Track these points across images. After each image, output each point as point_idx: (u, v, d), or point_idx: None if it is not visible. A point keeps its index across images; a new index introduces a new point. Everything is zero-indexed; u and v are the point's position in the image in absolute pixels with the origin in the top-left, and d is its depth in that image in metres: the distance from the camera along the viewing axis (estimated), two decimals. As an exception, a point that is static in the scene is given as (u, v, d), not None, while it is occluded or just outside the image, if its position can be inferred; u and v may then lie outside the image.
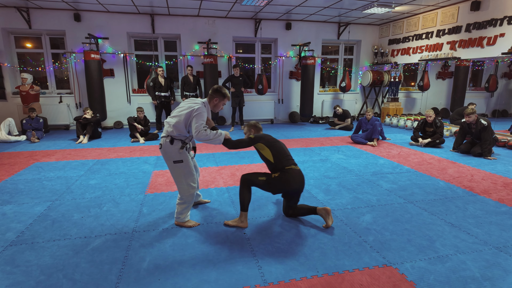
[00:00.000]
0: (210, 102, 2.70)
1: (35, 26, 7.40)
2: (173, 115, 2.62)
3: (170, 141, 2.56)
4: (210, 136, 2.51)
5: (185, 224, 2.71)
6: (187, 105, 2.60)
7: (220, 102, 2.71)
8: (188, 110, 2.54)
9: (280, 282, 1.98)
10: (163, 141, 2.61)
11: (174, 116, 2.60)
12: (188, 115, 2.53)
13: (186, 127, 2.57)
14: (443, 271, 2.08)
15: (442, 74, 10.24)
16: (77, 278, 2.01)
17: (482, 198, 3.36)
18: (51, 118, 7.76)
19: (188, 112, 2.53)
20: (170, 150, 2.57)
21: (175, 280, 1.99)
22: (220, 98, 2.69)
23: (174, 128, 2.55)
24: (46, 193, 3.50)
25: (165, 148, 2.59)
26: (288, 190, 2.69)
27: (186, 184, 2.65)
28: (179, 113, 2.58)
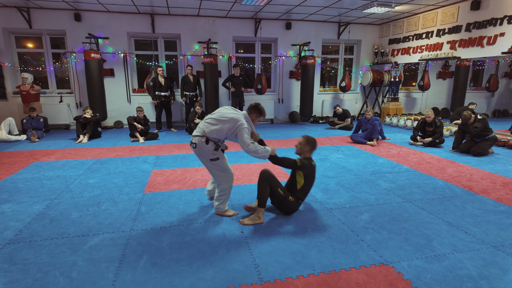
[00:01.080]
0: (249, 115, 2.82)
1: (35, 26, 7.42)
2: (214, 120, 2.68)
3: (205, 141, 2.67)
4: (259, 151, 2.65)
5: (225, 213, 2.88)
6: (230, 115, 2.67)
7: (256, 119, 2.85)
8: (232, 122, 2.63)
9: (277, 281, 1.98)
10: (197, 141, 2.69)
11: (215, 122, 2.67)
12: (232, 126, 2.63)
13: (226, 135, 2.69)
14: (440, 270, 2.08)
15: (442, 74, 10.22)
16: (74, 276, 2.02)
17: (480, 198, 3.35)
18: (51, 118, 7.78)
19: (232, 124, 2.63)
20: (206, 149, 2.69)
21: (171, 278, 2.00)
22: (257, 114, 2.82)
23: (214, 132, 2.65)
24: (45, 192, 3.51)
25: (200, 147, 2.69)
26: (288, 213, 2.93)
27: (225, 177, 2.81)
28: (221, 120, 2.66)
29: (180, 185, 3.74)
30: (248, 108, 2.84)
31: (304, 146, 2.90)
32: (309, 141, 2.89)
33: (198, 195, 3.42)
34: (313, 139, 2.91)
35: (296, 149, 2.95)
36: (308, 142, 2.89)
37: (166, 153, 5.39)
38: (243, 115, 2.76)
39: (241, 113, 2.77)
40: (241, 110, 7.83)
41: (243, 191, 3.55)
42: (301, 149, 2.91)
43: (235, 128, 2.64)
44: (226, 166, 2.82)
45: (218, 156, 2.74)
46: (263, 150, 2.67)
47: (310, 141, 2.90)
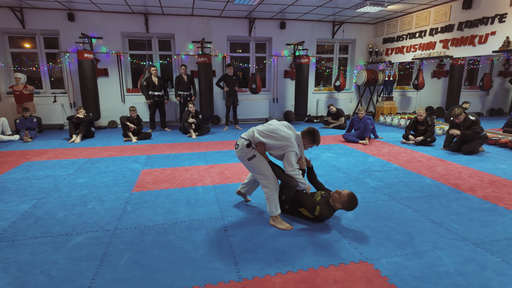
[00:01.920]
0: (302, 139, 2.75)
1: (29, 26, 7.41)
2: (264, 133, 2.65)
3: (246, 146, 2.67)
4: (298, 179, 2.63)
5: (277, 224, 2.67)
6: (282, 133, 2.63)
7: (308, 145, 2.76)
8: (281, 141, 2.60)
9: (255, 278, 1.99)
10: (241, 143, 2.71)
11: (265, 135, 2.65)
12: (281, 146, 2.60)
13: (271, 150, 2.69)
14: (418, 267, 2.09)
15: (437, 73, 10.25)
16: (54, 274, 2.03)
17: (466, 195, 3.37)
18: (45, 118, 7.78)
19: (281, 144, 2.60)
20: (245, 152, 2.68)
21: (151, 276, 2.01)
22: (310, 140, 2.74)
23: (265, 143, 2.63)
24: (33, 192, 3.51)
25: (241, 149, 2.70)
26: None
27: (268, 173, 2.70)
28: (271, 136, 2.63)
29: (169, 184, 3.75)
30: (303, 132, 2.75)
31: (339, 202, 2.55)
32: (348, 203, 2.52)
33: (186, 194, 3.43)
34: (354, 203, 2.52)
35: (333, 193, 2.62)
36: (346, 203, 2.52)
37: (158, 152, 5.40)
38: (296, 136, 2.71)
39: (295, 133, 2.73)
40: (235, 110, 7.88)
41: (232, 190, 3.55)
42: (335, 199, 2.58)
43: (283, 149, 2.60)
44: (266, 162, 2.72)
45: (255, 154, 2.68)
46: (301, 181, 2.64)
47: (349, 204, 2.52)
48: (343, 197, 2.53)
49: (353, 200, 2.52)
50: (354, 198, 2.53)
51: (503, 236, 2.48)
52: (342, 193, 2.56)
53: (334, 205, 2.58)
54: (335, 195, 2.58)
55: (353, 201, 2.52)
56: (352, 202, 2.52)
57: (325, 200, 2.66)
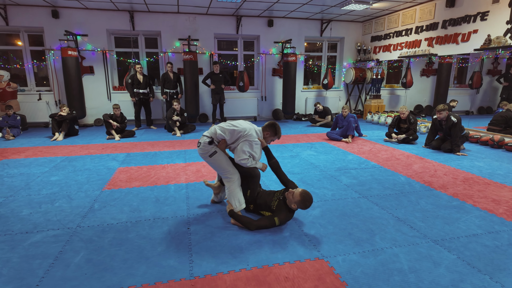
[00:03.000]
0: (263, 132, 2.79)
1: (12, 23, 7.35)
2: (228, 127, 2.73)
3: (209, 143, 2.71)
4: (251, 164, 2.70)
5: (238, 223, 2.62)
6: (243, 125, 2.73)
7: (270, 137, 2.80)
8: (243, 131, 2.68)
9: (207, 276, 1.98)
10: (203, 141, 2.74)
11: (229, 129, 2.71)
12: (241, 136, 2.67)
13: (231, 141, 2.73)
14: (372, 264, 2.09)
15: (426, 71, 10.26)
16: (4, 273, 2.01)
17: (437, 193, 3.37)
18: (30, 116, 7.72)
19: (243, 134, 2.67)
20: (207, 149, 2.73)
21: (101, 274, 1.99)
22: (272, 133, 2.77)
23: (221, 136, 2.71)
24: (3, 190, 3.48)
25: (203, 147, 2.74)
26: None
27: (230, 167, 2.75)
28: (235, 127, 2.71)
29: (142, 183, 3.72)
30: (264, 125, 2.80)
31: (293, 202, 2.50)
32: (302, 202, 2.45)
33: (156, 192, 3.41)
34: (309, 201, 2.46)
35: (288, 193, 2.55)
36: (301, 203, 2.46)
37: (139, 150, 5.37)
38: (257, 130, 2.76)
39: (255, 127, 2.78)
40: (222, 108, 7.84)
41: (204, 188, 3.54)
42: (290, 200, 2.53)
43: (242, 136, 2.67)
44: (227, 158, 2.78)
45: (216, 150, 2.72)
46: (254, 165, 2.72)
47: (303, 202, 2.46)
48: (296, 197, 2.47)
49: (305, 199, 2.45)
50: (306, 196, 2.46)
51: (464, 233, 2.49)
52: (294, 193, 2.49)
53: (290, 206, 2.55)
54: (289, 196, 2.52)
55: (306, 199, 2.45)
56: (305, 200, 2.45)
57: (281, 203, 2.60)
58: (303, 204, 2.47)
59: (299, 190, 2.51)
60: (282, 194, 2.68)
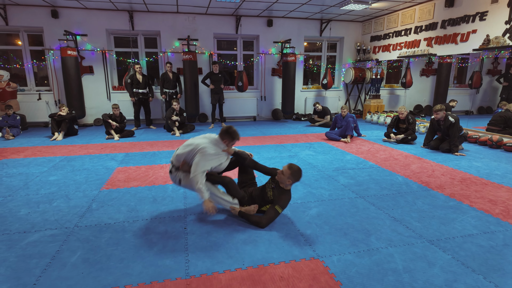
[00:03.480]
0: (222, 142, 2.75)
1: (12, 23, 7.36)
2: (184, 146, 2.76)
3: (175, 169, 2.82)
4: (198, 188, 2.57)
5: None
6: (197, 141, 2.72)
7: (230, 143, 2.76)
8: (196, 146, 2.66)
9: (202, 275, 1.99)
10: (170, 168, 2.86)
11: (185, 147, 2.74)
12: (194, 150, 2.64)
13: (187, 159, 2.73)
14: (367, 264, 2.10)
15: (426, 71, 10.24)
16: (1, 272, 2.02)
17: (434, 193, 3.38)
18: (30, 116, 7.74)
19: (196, 149, 2.64)
20: (173, 176, 2.86)
21: (97, 274, 2.00)
22: (229, 139, 2.72)
23: (177, 157, 2.78)
24: (1, 190, 3.50)
25: (171, 176, 2.88)
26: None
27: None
28: (190, 144, 2.72)
29: (140, 182, 3.74)
30: (219, 133, 2.75)
31: (287, 178, 2.54)
32: (293, 174, 2.52)
33: (154, 192, 3.42)
34: (299, 170, 2.54)
35: (278, 175, 2.60)
36: (292, 175, 2.53)
37: (138, 150, 5.39)
38: (214, 140, 2.72)
39: (212, 138, 2.74)
40: (221, 108, 7.85)
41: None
42: (282, 179, 2.56)
43: (196, 151, 2.63)
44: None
45: (181, 177, 2.79)
46: (202, 191, 2.56)
47: (295, 173, 2.53)
48: (287, 173, 2.54)
49: (294, 169, 2.54)
50: (294, 166, 2.56)
51: (459, 234, 2.49)
52: (283, 170, 2.57)
53: (285, 185, 2.60)
54: (280, 176, 2.58)
55: (295, 169, 2.55)
56: (295, 171, 2.54)
57: (276, 190, 2.65)
58: (295, 174, 2.55)
59: (285, 166, 2.59)
60: (272, 181, 2.72)
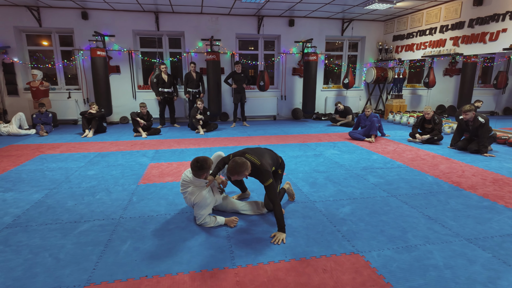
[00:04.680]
0: (201, 178, 2.60)
1: (45, 24, 7.69)
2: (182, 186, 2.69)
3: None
4: (211, 224, 2.62)
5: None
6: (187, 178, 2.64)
7: (206, 175, 2.60)
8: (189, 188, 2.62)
9: (248, 265, 2.09)
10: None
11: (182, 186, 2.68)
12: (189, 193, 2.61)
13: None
14: (407, 260, 2.14)
15: (449, 71, 10.07)
16: (61, 257, 2.18)
17: (467, 193, 3.37)
18: (60, 113, 8.07)
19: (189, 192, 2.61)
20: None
21: (150, 261, 2.13)
22: (201, 173, 2.55)
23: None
24: (46, 182, 3.71)
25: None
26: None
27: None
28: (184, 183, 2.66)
29: (174, 178, 3.88)
30: (193, 174, 2.58)
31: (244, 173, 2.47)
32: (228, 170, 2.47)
33: (189, 187, 3.55)
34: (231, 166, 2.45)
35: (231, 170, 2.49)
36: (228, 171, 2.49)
37: (166, 147, 5.56)
38: (196, 183, 2.60)
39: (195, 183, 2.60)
40: (243, 107, 7.98)
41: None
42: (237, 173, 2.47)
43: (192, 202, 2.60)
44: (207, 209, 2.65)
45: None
46: (215, 222, 2.62)
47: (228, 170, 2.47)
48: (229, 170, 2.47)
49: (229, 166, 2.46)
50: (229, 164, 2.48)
51: (497, 233, 2.50)
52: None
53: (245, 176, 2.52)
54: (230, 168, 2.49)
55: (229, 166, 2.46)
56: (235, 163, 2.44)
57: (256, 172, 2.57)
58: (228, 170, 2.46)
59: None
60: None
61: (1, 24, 7.45)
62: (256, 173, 2.56)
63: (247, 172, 2.48)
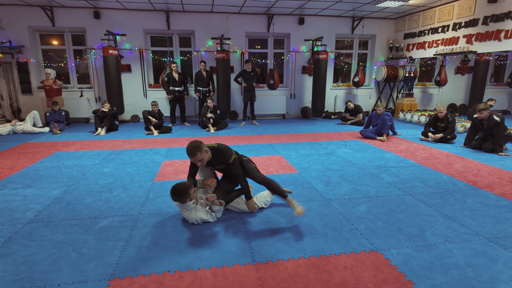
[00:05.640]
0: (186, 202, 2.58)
1: (58, 23, 7.80)
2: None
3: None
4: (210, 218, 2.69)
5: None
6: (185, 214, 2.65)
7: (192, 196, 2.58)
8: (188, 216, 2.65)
9: (268, 262, 2.11)
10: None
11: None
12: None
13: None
14: (427, 258, 2.14)
15: (461, 69, 9.96)
16: (85, 252, 2.22)
17: (484, 192, 3.34)
18: (72, 111, 8.18)
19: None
20: None
21: (171, 257, 2.16)
22: (187, 195, 2.54)
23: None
24: (63, 179, 3.77)
25: None
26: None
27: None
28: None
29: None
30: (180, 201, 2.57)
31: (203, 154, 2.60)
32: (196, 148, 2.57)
33: (204, 185, 3.58)
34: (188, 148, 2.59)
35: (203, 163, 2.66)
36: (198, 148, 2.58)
37: (178, 145, 5.60)
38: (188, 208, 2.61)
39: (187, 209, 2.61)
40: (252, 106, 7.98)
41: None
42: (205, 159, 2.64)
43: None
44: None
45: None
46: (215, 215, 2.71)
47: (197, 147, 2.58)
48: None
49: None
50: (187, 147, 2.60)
51: (518, 232, 2.48)
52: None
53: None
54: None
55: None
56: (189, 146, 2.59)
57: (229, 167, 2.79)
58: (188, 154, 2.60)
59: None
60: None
61: (16, 24, 7.58)
62: (218, 156, 2.72)
63: (203, 154, 2.58)
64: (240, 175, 2.78)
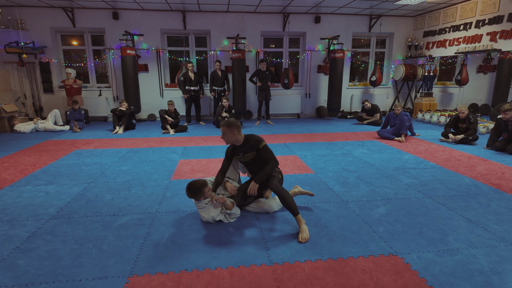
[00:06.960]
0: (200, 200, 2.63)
1: (78, 24, 8.00)
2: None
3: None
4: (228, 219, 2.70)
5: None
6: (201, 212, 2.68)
7: (207, 194, 2.61)
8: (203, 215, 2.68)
9: (285, 263, 2.09)
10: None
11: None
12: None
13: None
14: (450, 263, 2.07)
15: (483, 68, 9.62)
16: (105, 248, 2.27)
17: (509, 196, 3.21)
18: (91, 110, 8.38)
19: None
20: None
21: (188, 255, 2.18)
22: (202, 194, 2.57)
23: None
24: (84, 176, 3.87)
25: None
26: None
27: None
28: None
29: (204, 174, 3.94)
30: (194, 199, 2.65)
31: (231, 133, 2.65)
32: (230, 124, 2.64)
33: (220, 184, 3.59)
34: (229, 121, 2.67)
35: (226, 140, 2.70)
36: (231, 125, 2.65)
37: (194, 144, 5.65)
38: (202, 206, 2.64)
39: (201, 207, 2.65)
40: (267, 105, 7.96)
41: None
42: (230, 138, 2.68)
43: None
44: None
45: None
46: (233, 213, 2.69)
47: (231, 123, 2.65)
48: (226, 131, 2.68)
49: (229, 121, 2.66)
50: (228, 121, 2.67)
51: (546, 239, 2.37)
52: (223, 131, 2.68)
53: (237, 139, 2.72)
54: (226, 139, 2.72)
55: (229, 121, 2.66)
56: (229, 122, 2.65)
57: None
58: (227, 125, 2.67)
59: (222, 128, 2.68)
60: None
61: (39, 26, 7.82)
62: (250, 139, 2.72)
63: (232, 130, 2.65)
64: (271, 159, 2.65)
